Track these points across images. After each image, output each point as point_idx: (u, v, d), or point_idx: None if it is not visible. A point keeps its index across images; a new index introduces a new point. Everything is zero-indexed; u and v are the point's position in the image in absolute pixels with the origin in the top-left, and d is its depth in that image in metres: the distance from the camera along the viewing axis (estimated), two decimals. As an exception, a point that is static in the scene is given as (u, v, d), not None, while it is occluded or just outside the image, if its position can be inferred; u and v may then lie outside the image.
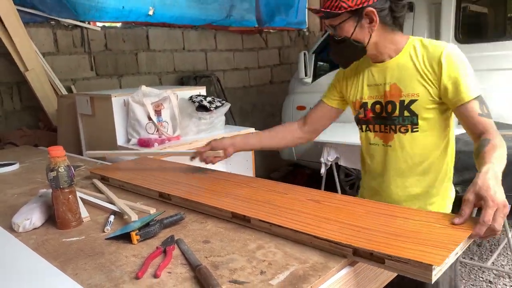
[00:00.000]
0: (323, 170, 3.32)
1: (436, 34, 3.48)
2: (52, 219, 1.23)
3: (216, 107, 2.39)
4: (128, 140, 2.29)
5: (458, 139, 2.61)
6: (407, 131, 1.30)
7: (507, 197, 2.45)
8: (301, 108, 4.40)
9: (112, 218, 1.20)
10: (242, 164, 2.60)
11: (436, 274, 0.79)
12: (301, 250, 0.94)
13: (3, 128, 3.19)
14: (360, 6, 1.20)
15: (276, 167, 5.26)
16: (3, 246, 1.09)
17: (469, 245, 3.02)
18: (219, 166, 1.88)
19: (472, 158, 2.42)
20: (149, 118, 2.23)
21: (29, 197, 1.52)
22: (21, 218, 1.18)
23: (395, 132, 1.32)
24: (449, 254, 0.81)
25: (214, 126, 2.46)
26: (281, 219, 1.04)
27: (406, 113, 1.29)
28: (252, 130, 2.66)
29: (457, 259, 1.15)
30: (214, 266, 0.88)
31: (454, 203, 1.45)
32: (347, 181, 4.23)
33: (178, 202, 1.30)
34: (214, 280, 0.79)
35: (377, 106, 1.34)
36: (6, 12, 2.98)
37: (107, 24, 3.84)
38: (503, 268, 2.69)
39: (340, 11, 1.22)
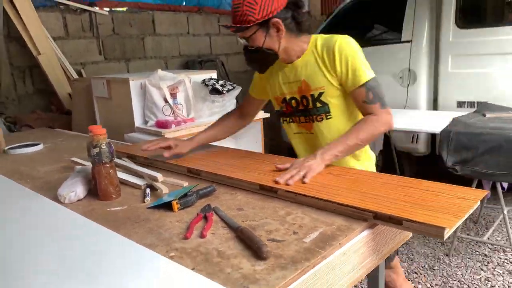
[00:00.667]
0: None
1: (437, 19, 3.57)
2: (92, 192, 1.35)
3: (228, 90, 2.50)
4: (146, 122, 2.39)
5: (456, 121, 2.75)
6: (322, 119, 1.49)
7: (502, 175, 2.59)
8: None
9: (148, 190, 1.32)
10: (252, 145, 2.73)
11: (447, 234, 0.91)
12: (326, 216, 1.06)
13: (17, 111, 3.28)
14: (266, 18, 1.34)
15: (279, 149, 5.38)
16: (55, 214, 1.20)
17: (466, 222, 3.18)
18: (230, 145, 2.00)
19: (470, 139, 2.56)
20: (165, 101, 2.33)
21: (61, 174, 1.64)
22: (67, 190, 1.29)
23: (313, 122, 1.51)
24: (459, 220, 0.94)
25: (226, 109, 2.57)
26: (305, 189, 1.17)
27: (318, 104, 1.47)
28: (261, 112, 2.77)
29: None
30: (252, 228, 1.01)
31: (451, 180, 1.59)
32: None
33: (207, 177, 1.42)
34: (257, 237, 0.92)
35: (293, 101, 1.53)
36: (19, -3, 3.04)
37: (114, 9, 3.90)
38: (498, 242, 2.85)
39: (249, 25, 1.34)
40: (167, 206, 1.18)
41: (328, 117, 1.48)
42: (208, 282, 0.78)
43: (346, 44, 1.39)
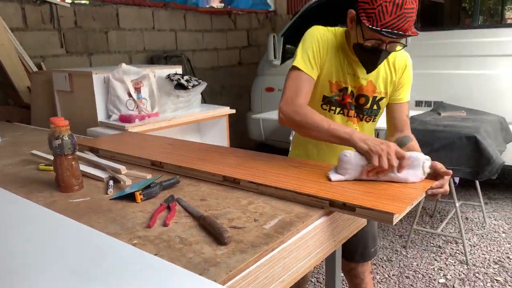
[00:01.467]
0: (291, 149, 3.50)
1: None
2: (54, 184, 1.34)
3: (193, 86, 2.51)
4: (109, 116, 2.37)
5: (414, 119, 2.89)
6: (369, 121, 1.55)
7: (454, 170, 2.74)
8: (270, 89, 4.57)
9: (111, 182, 1.32)
10: (217, 141, 2.75)
11: (395, 219, 0.98)
12: (286, 204, 1.11)
13: (-28, 104, 3.15)
14: None
15: (244, 146, 5.43)
16: (15, 206, 1.18)
17: (422, 216, 3.34)
18: (195, 140, 2.02)
19: (426, 136, 2.68)
20: (129, 95, 2.32)
21: (21, 167, 1.61)
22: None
23: (361, 120, 1.54)
24: (406, 206, 1.01)
25: (191, 104, 2.58)
26: (267, 180, 1.21)
27: (375, 107, 1.52)
28: (227, 109, 2.80)
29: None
30: (214, 217, 1.04)
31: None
32: (312, 159, 4.47)
33: (170, 169, 1.43)
34: (218, 224, 0.95)
35: (352, 94, 1.50)
36: (-26, -15, 2.91)
37: (76, 1, 3.80)
38: (451, 234, 3.02)
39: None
40: (130, 198, 1.19)
41: (374, 120, 1.56)
42: (170, 265, 0.81)
43: (411, 64, 1.50)
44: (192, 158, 1.48)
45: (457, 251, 2.79)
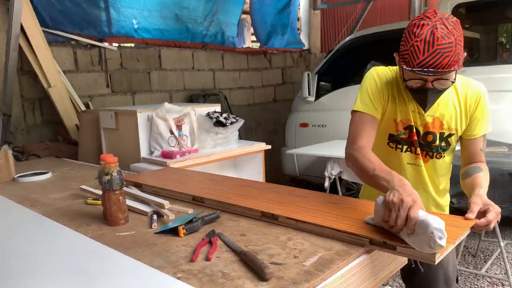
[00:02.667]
0: (326, 184, 3.50)
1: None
2: (101, 217, 1.41)
3: (232, 123, 2.59)
4: (151, 153, 2.47)
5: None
6: (440, 157, 1.51)
7: (502, 207, 2.66)
8: (304, 125, 4.62)
9: (155, 217, 1.38)
10: (253, 176, 2.79)
11: (438, 258, 0.97)
12: (325, 241, 1.12)
13: (25, 141, 3.37)
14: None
15: (278, 180, 5.45)
16: (67, 239, 1.26)
17: (465, 256, 3.20)
18: (232, 175, 2.07)
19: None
20: (171, 132, 2.42)
21: (71, 201, 1.70)
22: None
23: (431, 158, 1.51)
24: (449, 246, 1.00)
25: (229, 141, 2.66)
26: (305, 216, 1.23)
27: (443, 143, 1.48)
28: (263, 144, 2.86)
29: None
30: (254, 252, 1.06)
31: (450, 212, 1.65)
32: (349, 195, 4.42)
33: (211, 204, 1.48)
34: (259, 260, 0.97)
35: (419, 132, 1.48)
36: (33, 33, 3.20)
37: (122, 44, 4.07)
38: (496, 275, 2.86)
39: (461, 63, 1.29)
40: (173, 232, 1.24)
41: (444, 156, 1.51)
42: (214, 299, 0.84)
43: (487, 96, 1.46)
44: (231, 194, 1.53)
45: (505, 295, 2.64)
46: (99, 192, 1.52)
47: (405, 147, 1.50)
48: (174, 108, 2.49)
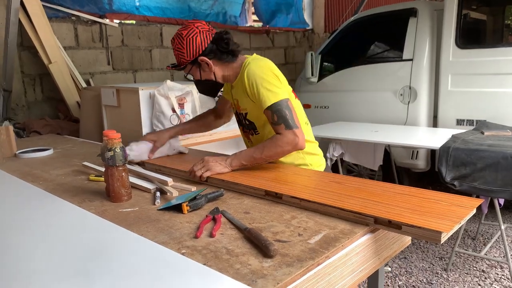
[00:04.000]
0: (328, 164, 3.50)
1: (438, 39, 3.67)
2: (104, 194, 1.41)
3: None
4: (153, 130, 2.46)
5: (455, 137, 2.82)
6: (253, 134, 1.72)
7: (500, 191, 2.64)
8: (307, 106, 4.58)
9: (159, 194, 1.38)
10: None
11: (443, 238, 0.97)
12: (329, 220, 1.12)
13: (26, 117, 3.35)
14: (194, 57, 1.58)
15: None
16: (69, 214, 1.26)
17: (464, 238, 3.22)
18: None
19: (469, 155, 2.62)
20: (173, 111, 2.40)
21: (73, 177, 1.70)
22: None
23: (252, 135, 1.74)
24: (455, 225, 0.99)
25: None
26: (310, 195, 1.23)
27: (246, 122, 1.70)
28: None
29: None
30: (259, 230, 1.06)
31: (455, 193, 1.65)
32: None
33: (214, 183, 1.48)
34: (264, 237, 0.97)
35: (238, 114, 1.75)
36: (33, 8, 3.14)
37: (123, 21, 4.01)
38: (496, 258, 2.88)
39: (183, 65, 1.62)
40: (177, 209, 1.24)
41: (256, 133, 1.70)
42: (219, 275, 0.83)
43: (255, 69, 1.55)
44: (234, 172, 1.52)
45: (502, 276, 2.66)
46: (102, 169, 1.52)
47: (240, 128, 1.81)
48: (176, 86, 2.46)
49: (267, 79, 1.52)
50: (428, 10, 3.75)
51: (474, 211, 1.10)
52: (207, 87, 1.72)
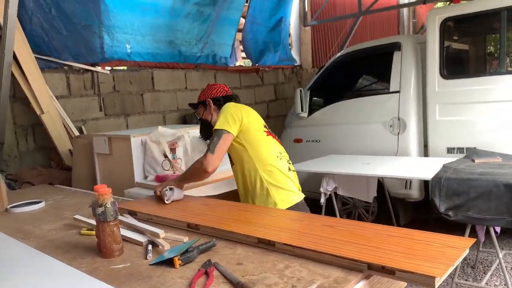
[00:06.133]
0: (323, 200, 3.47)
1: (423, 70, 3.76)
2: (95, 249, 1.39)
3: (225, 144, 2.58)
4: (146, 177, 2.46)
5: (447, 167, 2.84)
6: (232, 165, 2.05)
7: (494, 220, 2.62)
8: (298, 140, 4.62)
9: (150, 247, 1.36)
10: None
11: (437, 283, 0.96)
12: (323, 268, 1.11)
13: (18, 168, 3.34)
14: (204, 99, 2.09)
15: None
16: (60, 273, 1.24)
17: (464, 267, 3.18)
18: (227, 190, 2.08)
19: (461, 185, 2.63)
20: (165, 156, 2.41)
21: (64, 232, 1.68)
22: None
23: (232, 165, 2.07)
24: (448, 268, 0.99)
25: (224, 162, 2.64)
26: (302, 242, 1.22)
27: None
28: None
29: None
30: (252, 283, 1.05)
31: (446, 225, 1.67)
32: (344, 209, 4.40)
33: (206, 231, 1.47)
34: (257, 292, 0.96)
35: None
36: (25, 60, 3.20)
37: (115, 68, 4.08)
38: (497, 287, 2.84)
39: (196, 103, 2.15)
40: (169, 263, 1.22)
41: (232, 164, 2.04)
42: (212, 337, 0.82)
43: (225, 106, 1.97)
44: (226, 219, 1.51)
45: (507, 307, 2.61)
46: (93, 221, 1.50)
47: None
48: (168, 131, 2.48)
49: (225, 114, 1.90)
50: (411, 43, 3.87)
51: (467, 251, 1.10)
52: (202, 128, 2.19)
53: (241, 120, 1.89)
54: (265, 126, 2.03)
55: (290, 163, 2.05)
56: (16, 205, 2.13)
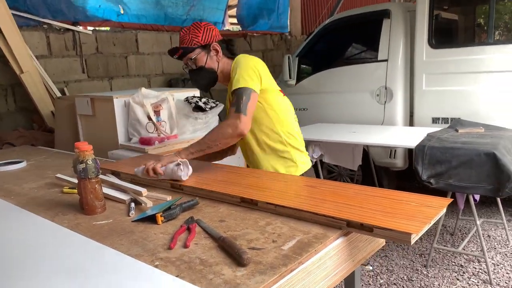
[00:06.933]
0: (308, 167, 3.51)
1: (411, 39, 3.74)
2: (78, 206, 1.38)
3: (211, 108, 2.56)
4: (129, 139, 2.43)
5: (431, 136, 2.88)
6: None
7: (474, 188, 2.69)
8: (286, 109, 4.61)
9: (133, 205, 1.36)
10: (233, 161, 2.78)
11: (413, 239, 0.99)
12: (303, 225, 1.12)
13: (-1, 129, 3.28)
14: (207, 42, 1.71)
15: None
16: (42, 229, 1.23)
17: (443, 234, 3.28)
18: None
19: (444, 153, 2.67)
20: (149, 118, 2.38)
21: (46, 190, 1.66)
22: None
23: None
24: (424, 226, 1.01)
25: (209, 126, 2.63)
26: (284, 201, 1.23)
27: None
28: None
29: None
30: (233, 238, 1.06)
31: (428, 193, 1.69)
32: (330, 177, 4.46)
33: (189, 191, 1.47)
34: (237, 245, 0.97)
35: None
36: (2, 16, 3.07)
37: (98, 28, 3.96)
38: (473, 252, 2.95)
39: (194, 46, 1.68)
40: (152, 219, 1.22)
41: None
42: (191, 287, 0.83)
43: (242, 59, 1.68)
44: (210, 180, 1.51)
45: (480, 270, 2.73)
46: (75, 180, 1.49)
47: None
48: (151, 93, 2.44)
49: (246, 69, 1.62)
50: (401, 11, 3.82)
51: (444, 210, 1.13)
52: (205, 78, 1.77)
53: (262, 77, 1.67)
54: (278, 85, 1.85)
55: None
56: (-4, 164, 2.10)
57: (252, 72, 1.62)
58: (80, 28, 3.75)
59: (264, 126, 1.72)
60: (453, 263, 2.85)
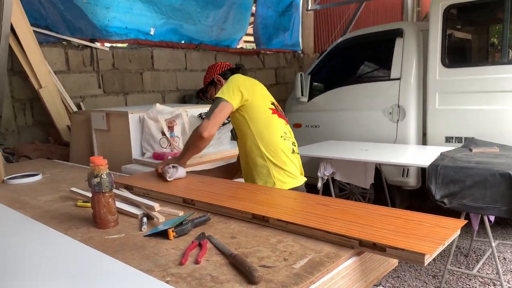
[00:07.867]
0: (319, 184, 3.49)
1: (424, 58, 3.74)
2: (91, 220, 1.40)
3: (223, 124, 2.58)
4: (143, 154, 2.46)
5: (444, 155, 2.85)
6: (237, 138, 2.00)
7: (489, 208, 2.64)
8: (298, 125, 4.62)
9: (145, 219, 1.37)
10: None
11: (427, 260, 0.97)
12: (315, 243, 1.12)
13: (16, 142, 3.34)
14: (211, 78, 2.06)
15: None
16: (55, 242, 1.25)
17: (457, 255, 3.22)
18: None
19: (457, 173, 2.64)
20: (163, 134, 2.41)
21: (60, 203, 1.69)
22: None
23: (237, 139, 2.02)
24: (438, 247, 1.00)
25: (221, 142, 2.65)
26: (296, 218, 1.23)
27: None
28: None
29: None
30: (244, 255, 1.06)
31: (441, 213, 1.67)
32: (341, 195, 4.43)
33: (201, 206, 1.48)
34: (248, 263, 0.97)
35: None
36: (23, 33, 3.17)
37: (114, 45, 4.05)
38: (488, 275, 2.88)
39: (204, 86, 2.11)
40: (163, 234, 1.23)
41: (236, 137, 1.99)
42: (202, 303, 0.83)
43: (231, 77, 1.91)
44: (222, 196, 1.52)
45: (497, 294, 2.66)
46: (89, 194, 1.51)
47: None
48: (166, 109, 2.48)
49: (228, 84, 1.85)
50: (413, 30, 3.83)
51: (458, 232, 1.11)
52: None
53: (245, 93, 1.81)
54: (272, 104, 1.94)
55: (295, 146, 2.00)
56: (13, 177, 2.14)
57: (233, 86, 1.81)
58: (98, 45, 3.85)
59: (249, 140, 1.89)
60: (468, 286, 2.78)
